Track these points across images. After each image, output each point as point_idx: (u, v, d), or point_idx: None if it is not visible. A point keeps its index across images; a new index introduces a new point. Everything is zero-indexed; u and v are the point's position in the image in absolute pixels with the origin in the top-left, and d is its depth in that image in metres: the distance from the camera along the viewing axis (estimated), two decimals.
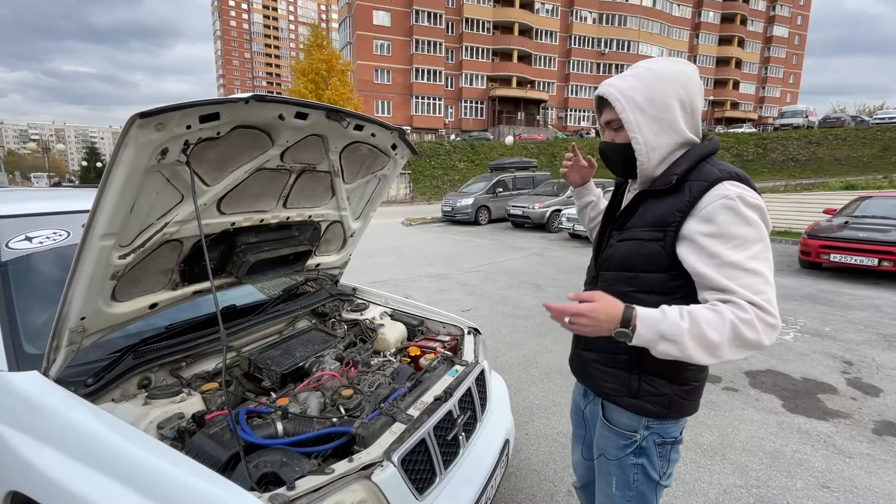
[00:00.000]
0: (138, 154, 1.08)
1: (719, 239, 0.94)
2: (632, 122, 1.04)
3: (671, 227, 1.01)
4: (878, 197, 7.80)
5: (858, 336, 4.39)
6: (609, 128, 1.13)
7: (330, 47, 26.41)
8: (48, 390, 1.20)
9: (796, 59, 58.30)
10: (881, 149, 27.67)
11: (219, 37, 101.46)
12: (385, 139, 1.82)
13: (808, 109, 36.24)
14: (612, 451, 1.19)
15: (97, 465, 1.04)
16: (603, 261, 1.17)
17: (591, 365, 1.21)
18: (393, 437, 1.26)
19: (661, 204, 1.04)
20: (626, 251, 1.09)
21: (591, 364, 1.20)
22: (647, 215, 1.07)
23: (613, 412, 1.18)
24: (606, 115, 1.11)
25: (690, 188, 1.00)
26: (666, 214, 1.02)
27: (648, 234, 1.05)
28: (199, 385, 1.53)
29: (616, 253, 1.12)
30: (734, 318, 0.88)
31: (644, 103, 1.03)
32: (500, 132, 36.37)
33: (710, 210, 0.96)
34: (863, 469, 2.38)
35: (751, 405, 3.06)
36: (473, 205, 13.90)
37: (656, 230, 1.04)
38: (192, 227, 1.42)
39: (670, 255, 1.02)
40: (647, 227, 1.06)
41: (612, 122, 1.10)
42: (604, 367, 1.17)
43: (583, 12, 44.26)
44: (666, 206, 1.03)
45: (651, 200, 1.08)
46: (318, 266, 2.22)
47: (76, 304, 1.20)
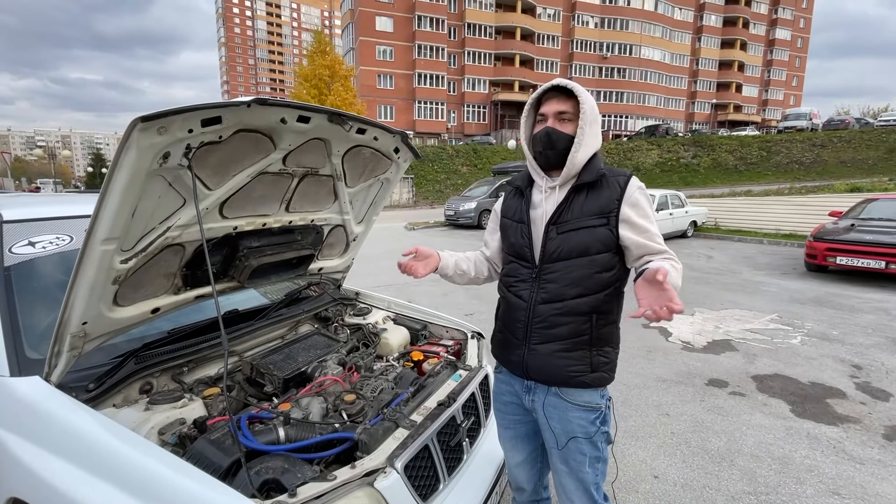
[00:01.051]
0: (140, 158, 1.07)
1: (644, 217, 1.21)
2: (586, 118, 1.22)
3: (613, 214, 1.21)
4: (885, 199, 7.74)
5: (867, 340, 4.33)
6: (559, 118, 1.26)
7: (333, 53, 26.60)
8: (49, 396, 1.19)
9: (799, 61, 58.18)
10: (886, 151, 27.51)
11: (223, 43, 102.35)
12: (387, 143, 1.82)
13: (812, 112, 36.10)
14: (584, 429, 1.26)
15: (98, 471, 1.03)
16: (548, 254, 1.25)
17: (552, 356, 1.25)
18: (396, 442, 1.24)
19: (597, 196, 1.23)
20: (579, 240, 1.22)
21: (553, 355, 1.25)
22: (586, 207, 1.23)
23: (574, 394, 1.27)
24: (559, 106, 1.25)
25: (617, 182, 1.23)
26: (606, 203, 1.21)
27: (596, 221, 1.21)
28: (201, 390, 1.52)
29: (566, 243, 1.23)
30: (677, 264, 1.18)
31: (591, 107, 1.23)
32: (503, 136, 36.38)
33: (635, 197, 1.22)
34: (874, 475, 2.34)
35: (758, 410, 3.02)
36: (476, 209, 13.89)
37: (601, 217, 1.21)
38: (195, 232, 1.42)
39: (615, 236, 1.21)
40: (592, 216, 1.22)
41: (565, 114, 1.25)
42: (567, 353, 1.25)
43: (585, 16, 44.38)
44: (604, 197, 1.22)
45: (585, 194, 1.24)
46: (320, 270, 2.22)
47: (78, 309, 1.20)
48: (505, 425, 1.47)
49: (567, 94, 1.25)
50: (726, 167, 29.90)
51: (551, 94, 1.27)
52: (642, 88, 46.97)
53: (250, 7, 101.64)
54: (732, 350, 4.12)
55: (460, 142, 35.29)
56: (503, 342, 1.38)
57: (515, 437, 1.44)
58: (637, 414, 2.98)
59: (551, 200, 1.29)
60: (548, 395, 1.30)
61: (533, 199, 1.33)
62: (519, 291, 1.31)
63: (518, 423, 1.43)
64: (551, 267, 1.25)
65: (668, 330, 4.62)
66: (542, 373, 1.29)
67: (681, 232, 11.61)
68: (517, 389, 1.38)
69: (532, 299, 1.27)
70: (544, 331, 1.26)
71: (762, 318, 5.02)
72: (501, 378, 1.45)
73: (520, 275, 1.31)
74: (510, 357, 1.35)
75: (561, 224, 1.24)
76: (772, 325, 4.82)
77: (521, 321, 1.29)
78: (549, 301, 1.25)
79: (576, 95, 1.23)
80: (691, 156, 30.94)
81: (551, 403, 1.30)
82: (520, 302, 1.30)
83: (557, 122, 1.26)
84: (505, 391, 1.43)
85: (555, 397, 1.29)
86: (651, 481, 2.30)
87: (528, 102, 1.33)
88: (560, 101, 1.25)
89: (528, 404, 1.35)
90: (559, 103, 1.25)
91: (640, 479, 2.32)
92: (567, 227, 1.23)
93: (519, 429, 1.43)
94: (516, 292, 1.31)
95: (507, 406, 1.43)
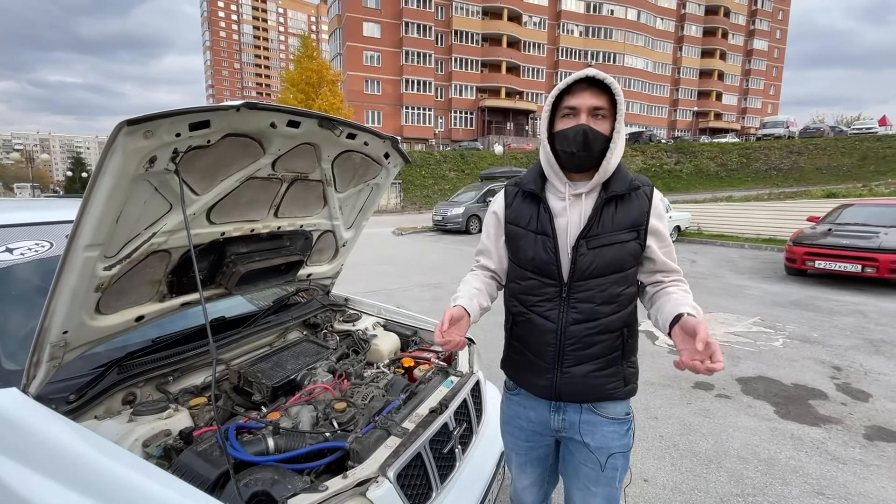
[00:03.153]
0: (126, 162, 1.04)
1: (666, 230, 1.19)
2: (622, 118, 1.10)
3: (643, 226, 1.14)
4: (860, 204, 8.00)
5: (846, 341, 4.45)
6: (595, 114, 1.10)
7: (320, 58, 26.52)
8: (28, 408, 1.14)
9: (776, 71, 60.03)
10: (860, 158, 28.45)
11: (208, 47, 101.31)
12: (378, 148, 1.81)
13: (789, 120, 37.26)
14: (620, 442, 1.22)
15: (79, 486, 0.99)
16: (580, 271, 1.13)
17: (587, 377, 1.17)
18: (388, 451, 1.23)
19: (628, 207, 1.14)
20: (614, 255, 1.12)
21: (588, 376, 1.17)
22: (618, 219, 1.13)
23: (609, 407, 1.22)
24: (597, 101, 1.09)
25: (645, 192, 1.15)
26: (638, 216, 1.13)
27: (629, 236, 1.13)
28: (187, 400, 1.48)
29: (599, 259, 1.12)
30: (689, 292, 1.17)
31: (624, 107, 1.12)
32: (490, 142, 36.66)
33: (661, 209, 1.17)
34: (856, 475, 2.39)
35: (744, 412, 3.07)
36: (464, 214, 13.94)
37: (632, 231, 1.13)
38: (181, 238, 1.39)
39: (643, 249, 1.16)
40: (624, 230, 1.12)
41: (601, 109, 1.09)
42: (603, 372, 1.18)
43: (570, 25, 45.16)
44: (635, 209, 1.13)
45: (616, 205, 1.14)
46: (309, 276, 2.19)
47: (58, 318, 1.16)
48: (516, 450, 1.36)
49: (602, 88, 1.08)
50: (708, 173, 30.57)
51: (583, 85, 1.09)
52: (626, 96, 47.34)
53: (236, 11, 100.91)
54: None
55: (448, 147, 35.40)
56: (525, 365, 1.24)
57: (526, 462, 1.36)
58: None
59: (576, 210, 1.15)
60: (582, 413, 1.22)
61: (553, 206, 1.18)
62: (545, 312, 1.18)
63: (531, 449, 1.33)
64: (584, 285, 1.13)
65: (654, 333, 4.67)
66: (577, 395, 1.20)
67: None
68: (540, 412, 1.27)
69: (562, 320, 1.16)
70: (578, 352, 1.16)
71: (745, 321, 5.12)
72: (518, 401, 1.32)
73: (544, 293, 1.17)
74: (537, 381, 1.22)
75: (592, 238, 1.12)
76: (754, 327, 4.91)
77: (552, 344, 1.17)
78: (582, 321, 1.15)
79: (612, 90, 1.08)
80: (674, 162, 31.58)
81: (587, 420, 1.21)
82: (547, 324, 1.17)
83: (593, 119, 1.09)
84: (521, 415, 1.31)
85: (589, 413, 1.21)
86: (641, 485, 2.32)
87: (553, 94, 1.13)
88: (594, 95, 1.08)
89: (557, 424, 1.25)
90: (593, 97, 1.08)
91: (629, 482, 2.33)
92: (599, 242, 1.12)
93: (531, 454, 1.34)
94: (542, 313, 1.18)
95: (523, 432, 1.32)
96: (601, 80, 1.07)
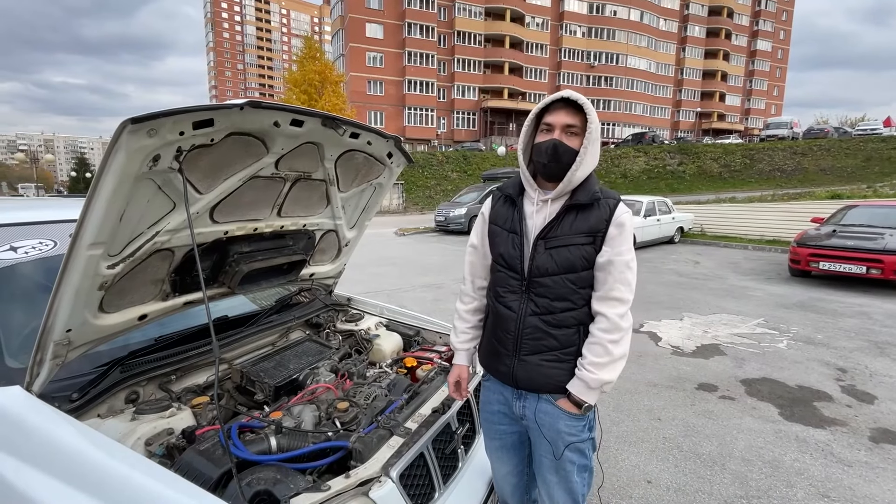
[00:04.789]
0: (129, 161, 1.05)
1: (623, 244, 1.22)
2: (593, 136, 1.21)
3: (600, 234, 1.22)
4: (864, 206, 7.96)
5: (850, 343, 4.42)
6: (567, 131, 1.23)
7: (323, 59, 26.59)
8: (31, 406, 1.14)
9: (780, 72, 59.79)
10: (864, 159, 28.30)
11: (212, 48, 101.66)
12: (381, 147, 1.81)
13: (793, 121, 37.03)
14: (577, 436, 1.27)
15: (81, 485, 0.99)
16: (537, 268, 1.25)
17: (541, 366, 1.26)
18: (391, 451, 1.22)
19: (589, 216, 1.23)
20: (567, 256, 1.23)
21: (542, 365, 1.26)
22: (576, 225, 1.23)
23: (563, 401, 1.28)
24: (568, 119, 1.22)
25: (608, 204, 1.24)
26: (597, 223, 1.22)
27: (584, 240, 1.22)
28: (190, 399, 1.48)
29: (554, 259, 1.23)
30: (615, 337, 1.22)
31: (597, 126, 1.22)
32: (492, 143, 36.64)
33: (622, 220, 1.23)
34: (862, 477, 2.37)
35: (748, 414, 3.05)
36: (466, 215, 13.92)
37: (588, 236, 1.22)
38: (184, 236, 1.39)
39: (597, 253, 1.23)
40: (581, 234, 1.23)
41: (573, 127, 1.22)
42: (557, 364, 1.26)
43: (572, 26, 45.13)
44: (594, 218, 1.23)
45: (577, 213, 1.24)
46: (312, 276, 2.19)
47: (62, 316, 1.16)
48: (491, 436, 1.45)
49: (576, 108, 1.22)
50: (711, 174, 30.46)
51: (559, 104, 1.24)
52: (629, 97, 47.77)
53: (239, 12, 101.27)
54: (721, 354, 4.17)
55: (450, 148, 35.41)
56: (492, 352, 1.36)
57: (502, 447, 1.43)
58: (629, 419, 2.98)
59: (542, 214, 1.28)
60: (539, 402, 1.30)
61: (525, 209, 1.31)
62: (508, 302, 1.30)
63: (505, 434, 1.41)
64: (541, 281, 1.25)
65: (657, 335, 4.66)
66: (531, 383, 1.28)
67: (668, 238, 11.76)
68: (507, 397, 1.37)
69: (522, 311, 1.27)
70: (534, 342, 1.26)
71: (749, 323, 5.09)
72: (490, 387, 1.43)
73: (509, 286, 1.30)
74: (499, 367, 1.34)
75: (550, 239, 1.24)
76: (759, 329, 4.89)
77: (511, 332, 1.29)
78: (538, 313, 1.25)
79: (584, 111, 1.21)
80: (677, 163, 31.48)
81: (543, 409, 1.29)
82: (509, 313, 1.29)
83: (565, 136, 1.22)
84: (493, 400, 1.41)
85: (547, 403, 1.29)
86: (644, 486, 2.30)
87: (534, 111, 1.29)
88: (569, 114, 1.22)
89: (519, 411, 1.34)
90: (568, 116, 1.22)
91: (633, 484, 2.32)
92: (555, 243, 1.24)
93: (505, 439, 1.42)
94: (505, 303, 1.31)
95: (495, 415, 1.41)
96: (575, 100, 1.21)
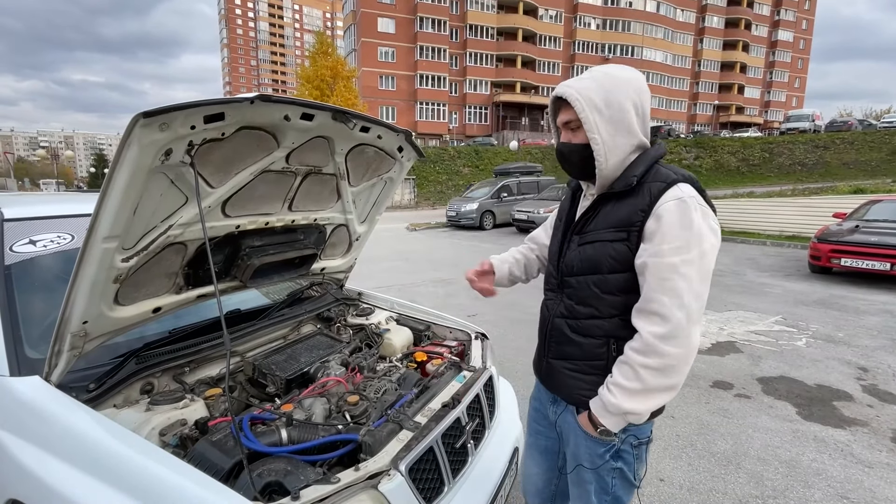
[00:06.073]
0: (142, 154, 1.06)
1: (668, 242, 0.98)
2: (590, 122, 1.05)
3: (635, 227, 1.03)
4: (889, 200, 7.68)
5: (872, 342, 4.30)
6: (567, 128, 1.13)
7: (335, 54, 26.65)
8: (49, 396, 1.18)
9: (801, 63, 58.09)
10: (889, 152, 27.40)
11: (225, 45, 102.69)
12: (391, 141, 1.80)
13: (815, 113, 35.97)
14: (591, 460, 1.16)
15: (97, 473, 1.01)
16: (566, 266, 1.16)
17: (563, 373, 1.19)
18: (400, 444, 1.22)
19: (622, 205, 1.06)
20: (591, 253, 1.09)
21: (564, 372, 1.18)
22: (609, 217, 1.08)
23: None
24: (564, 116, 1.12)
25: (650, 189, 1.03)
26: (630, 215, 1.04)
27: (613, 235, 1.06)
28: (203, 391, 1.50)
29: (580, 256, 1.12)
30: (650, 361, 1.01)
31: (601, 104, 1.04)
32: (505, 137, 36.39)
33: (665, 209, 0.99)
34: (883, 479, 2.31)
35: (764, 413, 2.99)
36: (478, 210, 13.88)
37: (620, 230, 1.05)
38: (197, 230, 1.40)
39: (635, 253, 1.03)
40: (611, 229, 1.07)
41: (570, 123, 1.11)
42: (580, 375, 1.16)
43: (586, 18, 44.39)
44: (628, 207, 1.05)
45: (612, 203, 1.09)
46: (323, 270, 2.20)
47: (78, 308, 1.18)
48: (529, 431, 1.44)
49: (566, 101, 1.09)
50: (728, 169, 29.83)
51: (555, 103, 1.15)
52: None
53: (252, 9, 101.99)
54: (737, 352, 4.09)
55: (462, 143, 35.29)
56: (537, 349, 1.33)
57: (535, 446, 1.40)
58: None
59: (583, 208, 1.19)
60: (565, 412, 1.23)
61: (581, 204, 1.23)
62: (546, 301, 1.27)
63: (539, 435, 1.38)
64: (569, 280, 1.15)
65: None
66: (555, 389, 1.24)
67: None
68: (545, 399, 1.33)
69: (553, 311, 1.21)
70: (558, 346, 1.19)
71: (767, 320, 4.98)
72: (537, 384, 1.40)
73: (549, 283, 1.26)
74: (536, 367, 1.32)
75: (583, 234, 1.14)
76: (776, 326, 4.78)
77: (543, 331, 1.26)
78: (565, 316, 1.17)
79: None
80: (693, 157, 30.88)
81: (566, 421, 1.23)
82: (544, 311, 1.26)
83: (568, 134, 1.13)
84: (536, 396, 1.40)
85: (570, 415, 1.21)
86: (657, 484, 2.28)
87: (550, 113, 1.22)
88: (564, 110, 1.12)
89: (553, 416, 1.29)
90: (564, 112, 1.12)
91: (645, 481, 2.29)
92: (585, 240, 1.13)
93: (539, 440, 1.38)
94: (545, 301, 1.28)
95: (535, 412, 1.39)
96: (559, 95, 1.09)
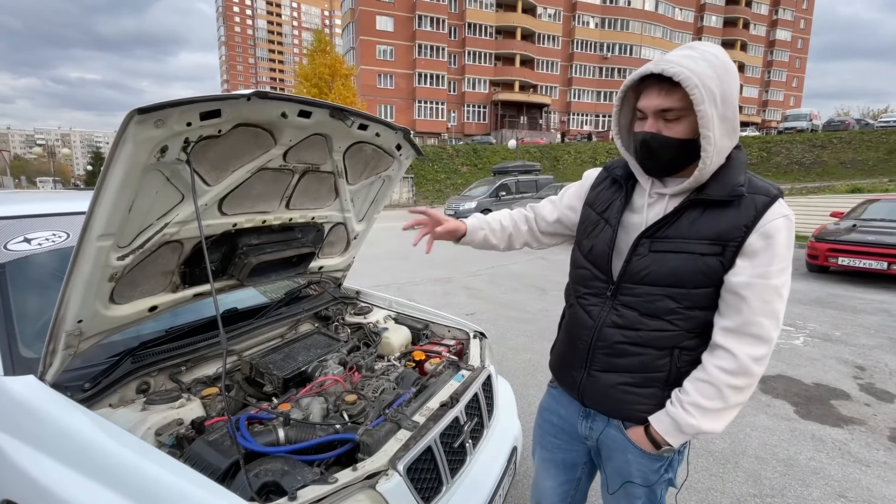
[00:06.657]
0: (137, 151, 1.04)
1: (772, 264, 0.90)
2: (707, 117, 0.87)
3: (733, 242, 0.92)
4: (886, 200, 7.71)
5: (870, 341, 4.31)
6: (661, 117, 0.94)
7: (334, 52, 26.59)
8: (44, 395, 1.16)
9: (799, 62, 58.18)
10: (887, 152, 27.49)
11: (223, 42, 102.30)
12: (390, 139, 1.79)
13: (812, 113, 36.05)
14: (644, 476, 1.09)
15: (92, 473, 1.00)
16: (632, 273, 1.00)
17: (614, 388, 1.07)
18: (398, 444, 1.21)
19: (719, 216, 0.93)
20: (677, 266, 0.95)
21: (615, 387, 1.06)
22: (700, 227, 0.94)
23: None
24: (665, 101, 0.91)
25: (755, 203, 0.91)
26: (729, 229, 0.92)
27: (708, 249, 0.93)
28: (199, 390, 1.49)
29: (658, 266, 0.97)
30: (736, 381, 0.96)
31: (719, 97, 0.88)
32: (503, 136, 36.37)
33: (773, 229, 0.90)
34: (880, 478, 2.32)
35: (762, 411, 3.00)
36: (477, 208, 13.88)
37: (716, 244, 0.93)
38: (193, 228, 1.39)
39: (726, 270, 0.93)
40: (704, 241, 0.93)
41: (670, 111, 0.92)
42: (635, 388, 1.05)
43: (585, 17, 44.38)
44: (728, 220, 0.92)
45: (701, 210, 0.95)
46: (321, 269, 2.19)
47: (73, 307, 1.17)
48: (542, 444, 1.33)
49: (671, 83, 0.89)
50: None
51: (650, 81, 0.94)
52: None
53: (251, 6, 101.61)
54: None
55: (460, 142, 35.29)
56: (562, 357, 1.20)
57: (550, 460, 1.31)
58: None
59: (656, 208, 1.02)
60: (608, 427, 1.12)
61: (634, 200, 1.07)
62: (588, 306, 1.10)
63: (556, 448, 1.28)
64: (633, 289, 1.01)
65: None
66: (598, 404, 1.11)
67: None
68: (571, 413, 1.21)
69: (601, 319, 1.06)
70: (608, 358, 1.06)
71: None
72: (554, 395, 1.29)
73: (592, 287, 1.09)
74: (565, 377, 1.19)
75: (659, 241, 0.98)
76: None
77: (584, 341, 1.10)
78: (620, 326, 1.03)
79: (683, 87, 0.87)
80: None
81: (610, 437, 1.12)
82: (586, 319, 1.09)
83: (661, 124, 0.94)
84: (553, 409, 1.28)
85: (616, 431, 1.11)
86: None
87: (620, 92, 1.03)
88: (662, 94, 0.92)
89: (584, 431, 1.18)
90: (660, 97, 0.92)
91: None
92: (665, 247, 0.97)
93: (556, 454, 1.29)
94: (585, 306, 1.11)
95: (552, 426, 1.28)
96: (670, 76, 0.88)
